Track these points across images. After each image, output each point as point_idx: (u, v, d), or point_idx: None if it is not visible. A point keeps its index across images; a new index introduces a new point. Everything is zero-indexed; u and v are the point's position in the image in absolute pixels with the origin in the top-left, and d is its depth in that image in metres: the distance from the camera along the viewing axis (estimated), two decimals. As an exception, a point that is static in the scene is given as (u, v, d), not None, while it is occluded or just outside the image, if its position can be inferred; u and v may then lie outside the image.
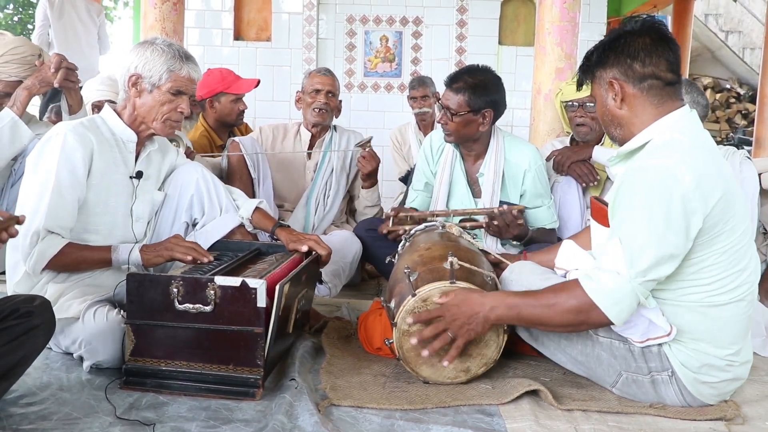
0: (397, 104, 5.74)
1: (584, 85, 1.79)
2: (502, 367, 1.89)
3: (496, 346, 1.79)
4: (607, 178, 2.73)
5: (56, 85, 2.57)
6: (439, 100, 2.74)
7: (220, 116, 3.38)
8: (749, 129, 8.85)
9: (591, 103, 2.68)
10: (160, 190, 2.20)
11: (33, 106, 2.75)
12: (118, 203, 2.05)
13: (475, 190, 2.66)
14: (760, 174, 2.52)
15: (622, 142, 1.72)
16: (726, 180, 1.58)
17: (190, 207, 2.21)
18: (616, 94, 1.68)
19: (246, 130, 3.72)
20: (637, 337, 1.65)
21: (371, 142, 3.13)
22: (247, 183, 2.95)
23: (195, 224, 2.22)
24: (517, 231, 2.49)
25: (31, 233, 1.86)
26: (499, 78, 2.56)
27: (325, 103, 3.07)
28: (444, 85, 2.56)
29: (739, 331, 1.64)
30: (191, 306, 1.67)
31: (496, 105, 2.52)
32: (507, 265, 2.01)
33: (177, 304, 1.67)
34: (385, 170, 3.42)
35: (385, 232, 2.55)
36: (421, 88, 4.30)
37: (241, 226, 2.25)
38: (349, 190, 3.26)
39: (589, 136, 2.77)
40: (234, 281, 1.65)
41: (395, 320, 1.77)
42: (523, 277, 1.87)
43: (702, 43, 10.32)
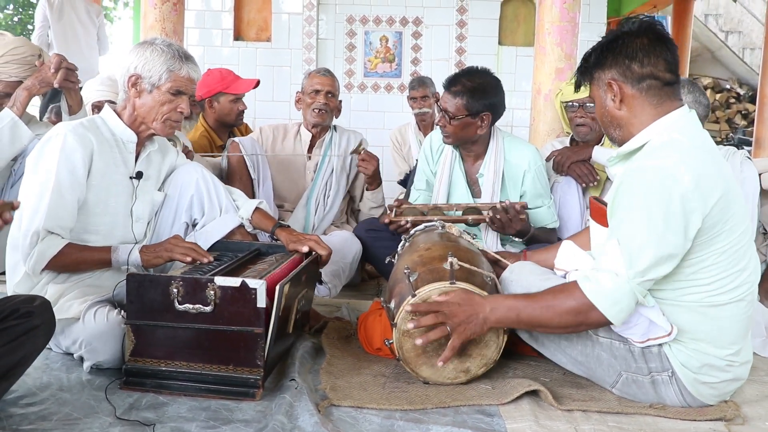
0: (397, 104, 5.74)
1: (582, 86, 1.79)
2: (502, 368, 1.89)
3: (495, 346, 1.79)
4: (607, 179, 2.73)
5: (56, 86, 2.57)
6: (438, 102, 2.73)
7: (220, 116, 3.38)
8: (749, 129, 8.84)
9: (591, 104, 2.68)
10: (160, 190, 2.20)
11: (33, 107, 2.76)
12: (118, 204, 2.05)
13: (475, 191, 2.66)
14: (761, 174, 2.52)
15: (622, 143, 1.71)
16: (725, 180, 1.58)
17: (190, 207, 2.21)
18: (614, 95, 1.68)
19: (246, 131, 3.72)
20: (638, 338, 1.65)
21: (363, 143, 3.14)
22: (247, 183, 2.95)
23: (195, 224, 2.22)
24: (520, 226, 2.48)
25: (31, 233, 1.86)
26: (498, 80, 2.55)
27: (325, 103, 3.07)
28: (443, 88, 2.56)
29: (739, 332, 1.65)
30: (191, 306, 1.67)
31: (495, 108, 2.51)
32: (506, 264, 2.02)
33: (177, 304, 1.67)
34: (386, 170, 3.41)
35: (386, 222, 2.52)
36: (421, 89, 4.30)
37: (241, 226, 2.25)
38: (350, 191, 3.26)
39: (589, 137, 2.77)
40: (234, 281, 1.65)
41: (395, 320, 1.77)
42: (523, 278, 1.87)
43: (702, 44, 10.32)
